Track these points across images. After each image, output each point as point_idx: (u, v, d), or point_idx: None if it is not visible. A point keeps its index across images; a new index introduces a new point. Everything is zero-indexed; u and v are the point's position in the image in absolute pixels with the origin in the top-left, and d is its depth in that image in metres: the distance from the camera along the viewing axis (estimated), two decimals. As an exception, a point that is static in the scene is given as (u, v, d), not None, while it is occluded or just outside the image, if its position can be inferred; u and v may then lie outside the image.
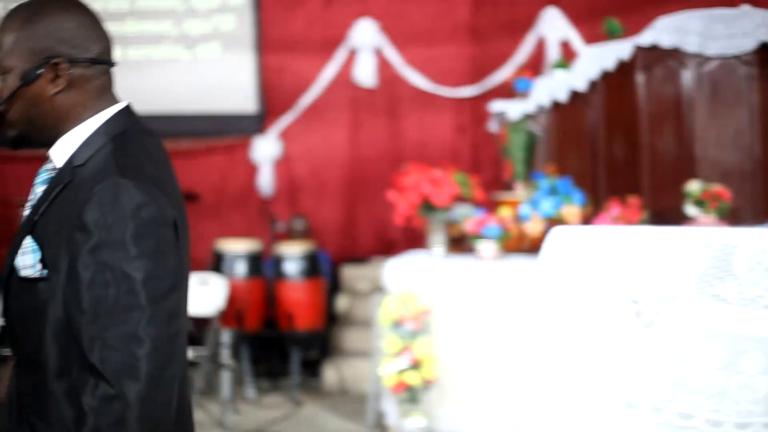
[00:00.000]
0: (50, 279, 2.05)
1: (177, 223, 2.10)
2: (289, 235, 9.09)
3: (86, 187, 2.03)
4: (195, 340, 8.20)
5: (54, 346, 2.06)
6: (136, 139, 2.20)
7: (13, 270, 2.12)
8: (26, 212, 2.18)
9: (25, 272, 2.09)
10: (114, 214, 1.97)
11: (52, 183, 2.14)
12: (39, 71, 2.12)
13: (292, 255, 8.38)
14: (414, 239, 8.48)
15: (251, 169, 10.00)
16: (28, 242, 2.09)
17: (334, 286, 9.26)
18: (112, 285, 1.95)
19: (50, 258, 2.05)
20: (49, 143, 2.19)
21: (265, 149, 9.97)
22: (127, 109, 2.27)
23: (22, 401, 2.15)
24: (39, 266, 2.06)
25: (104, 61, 2.25)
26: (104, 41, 2.25)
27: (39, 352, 2.07)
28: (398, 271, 6.62)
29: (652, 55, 6.49)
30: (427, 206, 6.77)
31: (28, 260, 2.09)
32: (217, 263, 8.43)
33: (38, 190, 2.18)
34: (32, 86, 2.12)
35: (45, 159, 2.24)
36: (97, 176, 2.04)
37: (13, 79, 2.12)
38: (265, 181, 9.95)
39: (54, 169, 2.19)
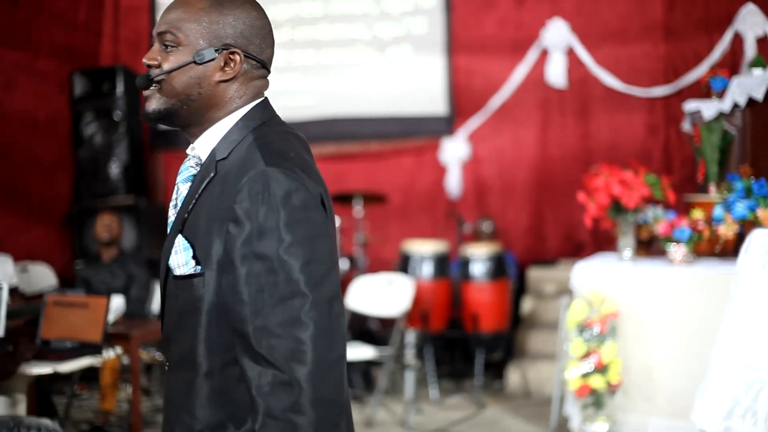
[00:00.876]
0: (204, 275, 2.08)
1: (323, 199, 2.10)
2: (476, 237, 9.06)
3: (233, 180, 2.05)
4: (380, 340, 8.26)
5: (205, 343, 2.10)
6: (275, 129, 2.20)
7: (168, 271, 2.17)
8: (172, 211, 2.23)
9: (179, 271, 2.12)
10: (265, 204, 1.98)
11: (198, 179, 2.18)
12: (213, 56, 2.14)
13: (479, 256, 8.35)
14: (602, 241, 8.34)
15: (439, 171, 10.01)
16: (180, 241, 2.12)
17: (520, 287, 9.18)
18: (271, 274, 1.97)
19: (202, 253, 2.08)
20: (188, 126, 2.22)
21: (454, 151, 9.96)
22: (265, 102, 2.27)
23: (175, 403, 2.19)
24: (192, 263, 2.09)
25: (268, 68, 2.27)
26: (272, 50, 2.28)
27: (192, 350, 2.12)
28: (586, 274, 6.49)
29: None
30: (617, 208, 6.63)
31: (180, 259, 2.12)
32: (403, 264, 8.48)
33: (182, 187, 2.22)
34: (201, 66, 2.15)
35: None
36: (243, 168, 2.05)
37: (183, 54, 2.14)
38: (453, 182, 9.94)
39: (197, 164, 2.23)
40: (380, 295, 7.87)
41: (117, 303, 6.82)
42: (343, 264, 8.88)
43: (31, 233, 9.68)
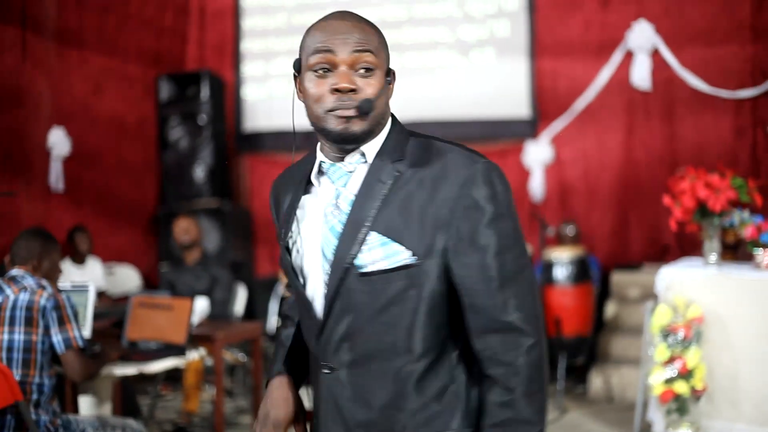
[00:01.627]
0: (420, 265, 2.21)
1: None
2: (559, 240, 8.99)
3: (440, 176, 2.22)
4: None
5: (426, 327, 2.25)
6: (416, 132, 2.40)
7: (348, 269, 2.26)
8: (330, 209, 2.32)
9: (376, 266, 2.23)
10: (498, 189, 2.21)
11: (371, 179, 2.28)
12: (391, 76, 2.35)
13: (562, 260, 8.29)
14: (687, 245, 8.23)
15: (523, 174, 9.96)
16: (373, 237, 2.23)
17: (604, 291, 9.09)
18: (510, 250, 2.22)
19: (415, 244, 2.21)
20: (364, 141, 2.32)
21: (537, 154, 9.90)
22: None
23: (365, 400, 2.31)
24: (406, 254, 2.21)
25: None
26: None
27: (406, 338, 2.26)
28: (671, 278, 6.41)
29: None
30: (703, 211, 6.53)
31: (377, 254, 2.23)
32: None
33: (339, 186, 2.33)
34: (387, 88, 2.32)
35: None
36: (448, 165, 2.23)
37: (379, 77, 2.27)
38: (537, 185, 9.88)
39: (353, 169, 2.33)
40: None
41: (201, 305, 6.90)
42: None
43: (118, 236, 9.84)
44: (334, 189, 2.33)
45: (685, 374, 6.06)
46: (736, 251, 6.85)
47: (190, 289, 7.61)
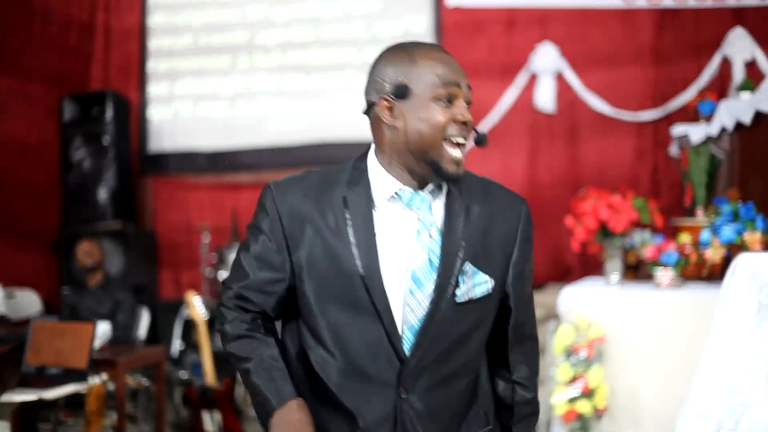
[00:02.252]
0: (495, 290, 2.48)
1: None
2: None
3: (493, 208, 2.53)
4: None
5: (482, 348, 2.58)
6: None
7: (448, 300, 2.40)
8: (424, 238, 2.42)
9: (468, 295, 2.42)
10: (531, 230, 2.59)
11: (451, 211, 2.46)
12: None
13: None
14: (590, 266, 8.31)
15: (429, 196, 9.97)
16: (467, 268, 2.42)
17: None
18: (529, 282, 2.62)
19: (493, 272, 2.47)
20: None
21: (443, 175, 9.92)
22: None
23: (438, 415, 2.46)
24: (490, 283, 2.45)
25: None
26: None
27: (475, 357, 2.54)
28: (573, 298, 6.47)
29: (843, 75, 6.16)
30: (605, 232, 6.62)
31: (470, 284, 2.42)
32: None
33: (423, 215, 2.44)
34: None
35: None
36: (498, 198, 2.57)
37: None
38: (442, 207, 9.90)
39: (434, 195, 2.49)
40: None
41: (103, 329, 6.79)
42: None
43: (18, 259, 9.64)
44: (416, 217, 2.42)
45: (588, 393, 6.11)
46: (638, 271, 6.95)
47: (93, 312, 7.48)
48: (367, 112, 2.54)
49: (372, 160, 2.51)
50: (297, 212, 2.47)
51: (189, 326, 8.12)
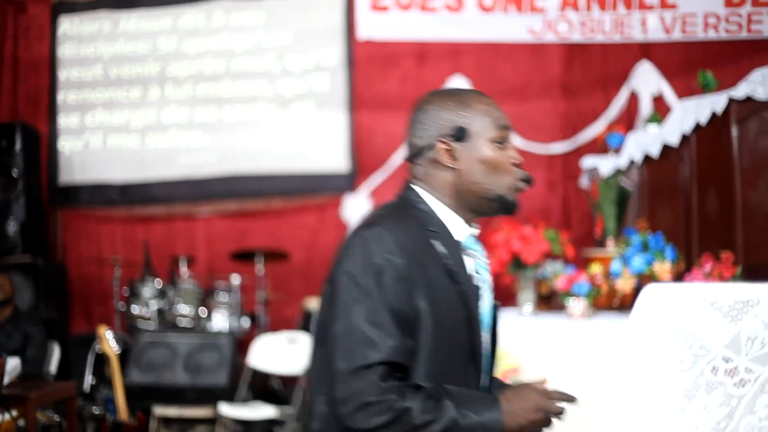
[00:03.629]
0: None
1: None
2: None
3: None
4: (282, 399, 8.18)
5: None
6: None
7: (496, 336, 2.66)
8: (483, 278, 2.59)
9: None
10: None
11: (480, 253, 2.60)
12: None
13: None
14: (503, 297, 8.38)
15: (342, 228, 9.98)
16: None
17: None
18: None
19: None
20: None
21: (356, 208, 9.95)
22: None
23: None
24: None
25: None
26: None
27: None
28: (486, 329, 6.51)
29: (746, 108, 6.32)
30: (517, 263, 6.70)
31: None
32: (305, 322, 8.44)
33: (481, 258, 2.60)
34: None
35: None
36: None
37: None
38: (356, 239, 9.90)
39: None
40: (282, 353, 7.83)
41: (13, 364, 6.66)
42: (245, 322, 8.84)
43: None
44: (473, 259, 2.55)
45: (503, 423, 6.14)
46: (550, 301, 7.03)
47: (2, 347, 7.34)
48: (413, 158, 2.58)
49: (436, 203, 2.53)
50: (419, 264, 2.40)
51: (101, 361, 8.00)
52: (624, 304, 6.52)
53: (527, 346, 6.34)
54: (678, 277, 6.18)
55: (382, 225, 2.40)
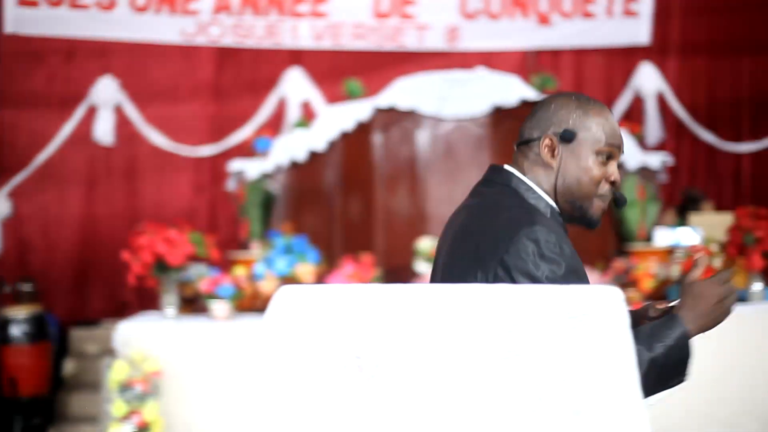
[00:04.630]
0: None
1: None
2: (16, 298, 8.63)
3: None
4: None
5: None
6: None
7: None
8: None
9: None
10: None
11: None
12: None
13: (18, 318, 8.00)
14: (147, 300, 8.23)
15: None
16: None
17: (62, 349, 8.85)
18: None
19: None
20: None
21: (-7, 209, 9.48)
22: None
23: None
24: None
25: None
26: None
27: None
28: (129, 333, 6.37)
29: (389, 117, 6.53)
30: (161, 266, 6.58)
31: None
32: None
33: None
34: None
35: None
36: None
37: None
38: (-6, 241, 9.46)
39: None
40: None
41: None
42: None
43: None
44: None
45: (144, 428, 6.02)
46: (195, 304, 6.96)
47: None
48: (521, 144, 2.57)
49: (545, 196, 2.53)
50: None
51: None
52: (267, 305, 6.54)
53: (170, 349, 6.25)
54: (320, 279, 6.29)
55: (538, 222, 2.41)
